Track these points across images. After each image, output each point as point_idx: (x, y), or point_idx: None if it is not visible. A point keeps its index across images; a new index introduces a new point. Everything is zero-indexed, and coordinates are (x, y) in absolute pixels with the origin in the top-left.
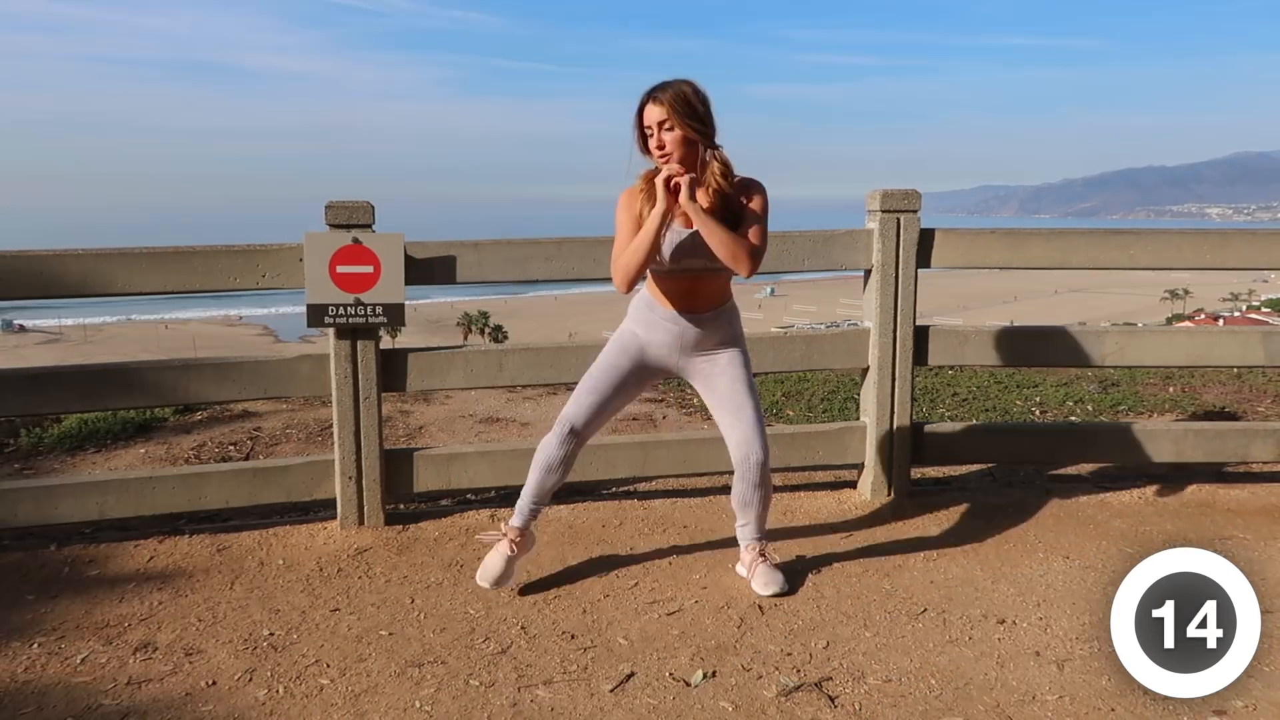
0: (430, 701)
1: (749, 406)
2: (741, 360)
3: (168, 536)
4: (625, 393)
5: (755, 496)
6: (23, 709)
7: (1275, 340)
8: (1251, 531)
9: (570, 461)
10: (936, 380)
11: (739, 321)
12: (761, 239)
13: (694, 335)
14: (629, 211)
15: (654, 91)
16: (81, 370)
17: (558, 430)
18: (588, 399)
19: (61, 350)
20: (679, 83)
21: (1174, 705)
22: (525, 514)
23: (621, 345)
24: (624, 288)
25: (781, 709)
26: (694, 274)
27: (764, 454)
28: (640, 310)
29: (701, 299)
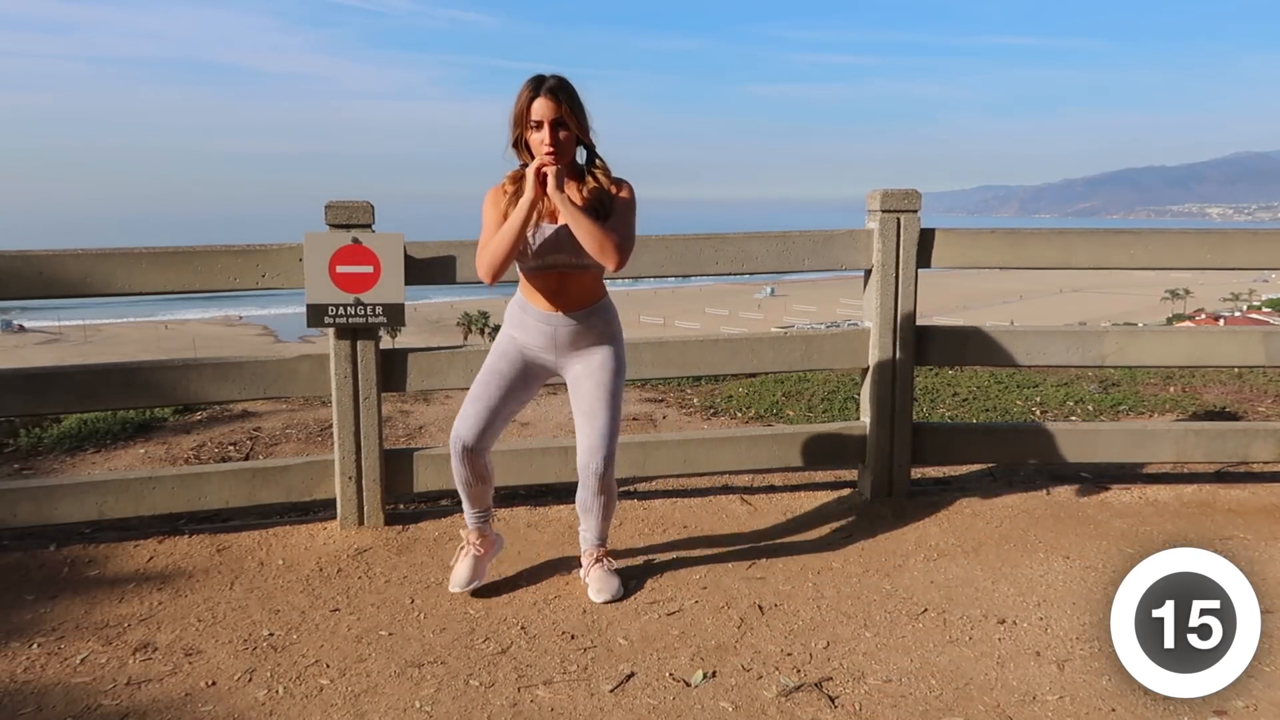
0: (430, 702)
1: (603, 415)
2: (612, 364)
3: (167, 537)
4: (513, 397)
5: (596, 504)
6: (22, 709)
7: (1276, 340)
8: (1252, 531)
9: (484, 471)
10: (936, 380)
11: (615, 320)
12: (629, 233)
13: (567, 334)
14: (495, 209)
15: (545, 85)
16: (81, 370)
17: (453, 451)
18: (473, 409)
19: (61, 350)
20: (565, 80)
21: (1174, 705)
22: (475, 522)
23: (500, 350)
24: (489, 279)
25: (781, 709)
26: (561, 270)
27: (604, 466)
28: (514, 312)
29: (572, 297)
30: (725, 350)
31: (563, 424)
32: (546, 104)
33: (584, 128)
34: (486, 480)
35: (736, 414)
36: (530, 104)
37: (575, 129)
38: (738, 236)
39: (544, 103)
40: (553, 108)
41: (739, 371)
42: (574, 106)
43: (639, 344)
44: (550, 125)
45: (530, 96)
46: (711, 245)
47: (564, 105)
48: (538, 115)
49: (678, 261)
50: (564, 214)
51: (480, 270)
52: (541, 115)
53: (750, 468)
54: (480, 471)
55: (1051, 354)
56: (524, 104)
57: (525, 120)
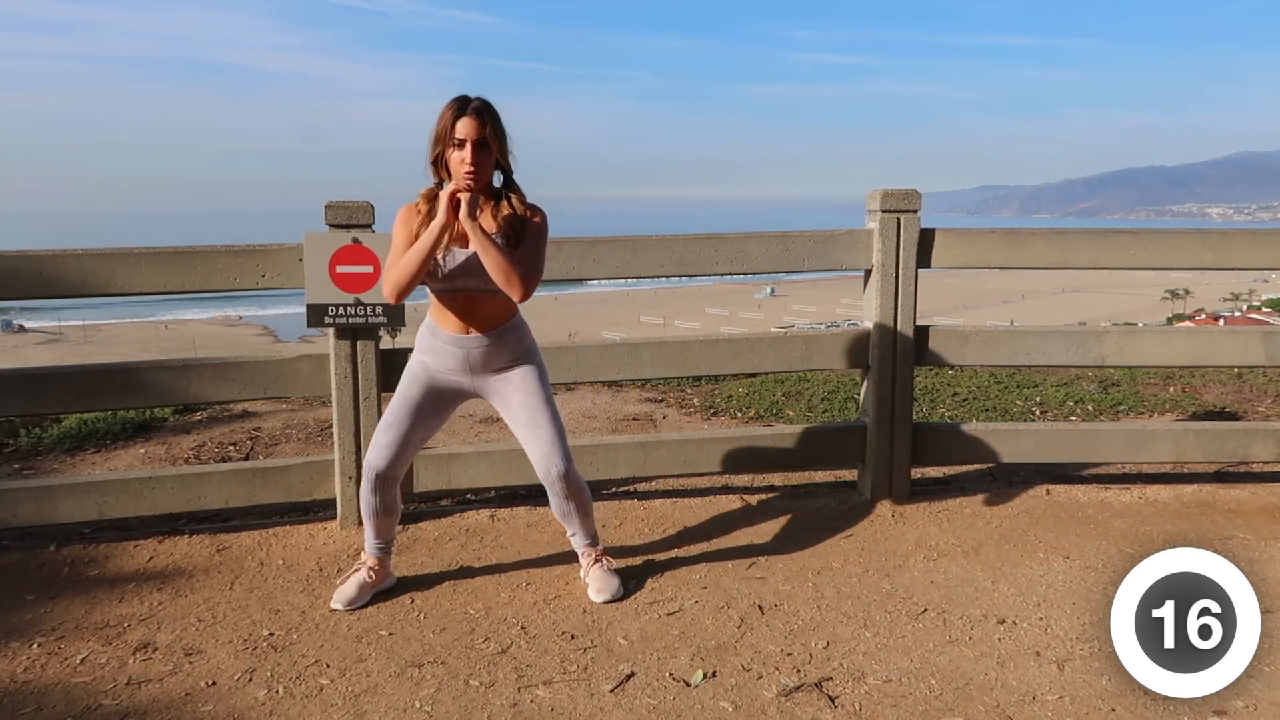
0: (430, 701)
1: (545, 421)
2: (535, 375)
3: (167, 537)
4: (425, 423)
5: (571, 507)
6: (22, 709)
7: (1275, 340)
8: (1252, 531)
9: (392, 503)
10: (936, 380)
11: (528, 336)
12: (537, 264)
13: (479, 355)
14: (405, 227)
15: (471, 105)
16: (81, 370)
17: (365, 478)
18: (385, 438)
19: (61, 350)
20: (489, 103)
21: (1174, 705)
22: (375, 551)
23: (412, 377)
24: (394, 298)
25: (781, 709)
26: (470, 294)
27: (565, 464)
28: (424, 338)
29: (482, 319)
30: (725, 350)
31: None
32: (471, 123)
33: (504, 151)
34: (393, 512)
35: (736, 414)
36: (455, 122)
37: (496, 151)
38: (738, 236)
39: (469, 122)
40: (477, 127)
41: (739, 371)
42: (497, 129)
43: (639, 344)
44: (473, 144)
45: (455, 115)
46: (711, 245)
47: (488, 126)
48: (461, 134)
49: (678, 261)
50: (474, 242)
51: (385, 289)
52: (465, 134)
53: (750, 468)
54: (389, 503)
55: (1051, 354)
56: (448, 122)
57: (448, 138)
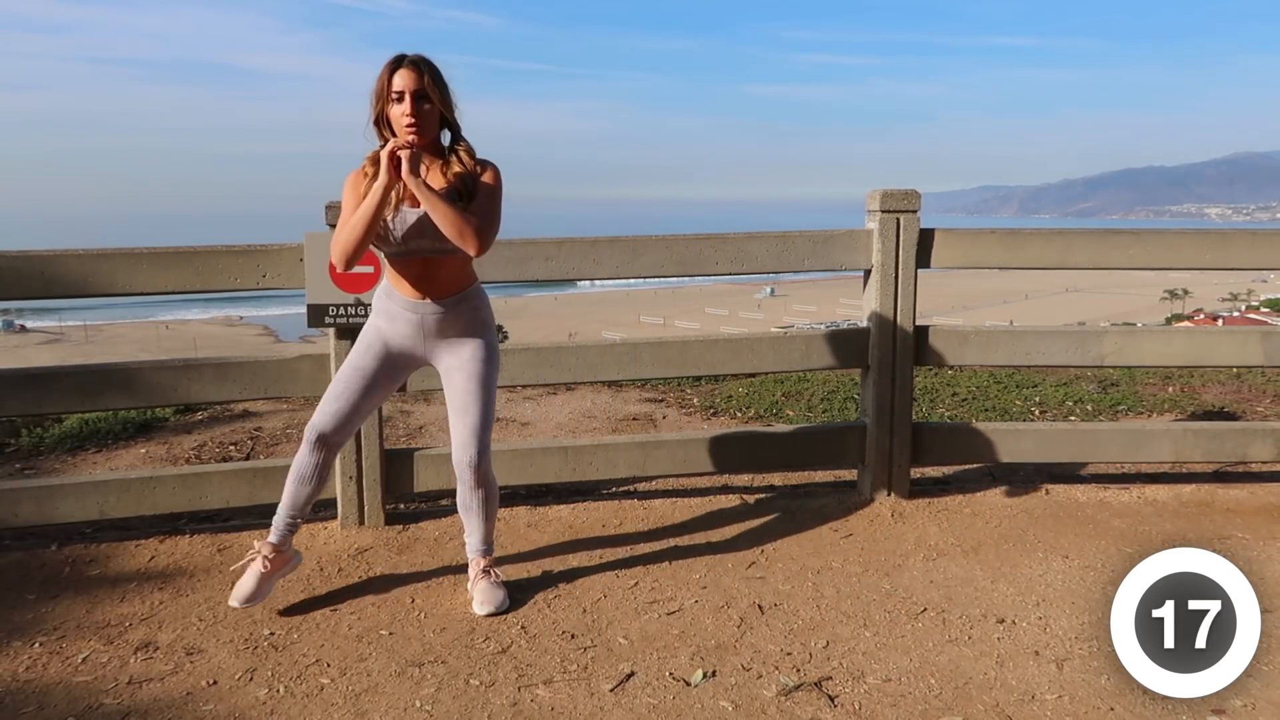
0: (430, 701)
1: (475, 409)
2: (484, 355)
3: (168, 536)
4: (375, 393)
5: (475, 499)
6: (24, 708)
7: (1274, 340)
8: (1250, 531)
9: (324, 471)
10: (936, 380)
11: (486, 309)
12: (492, 217)
13: (435, 321)
14: (354, 193)
15: (408, 59)
16: (82, 370)
17: (306, 439)
18: (334, 405)
19: (62, 350)
20: (428, 58)
21: (1172, 704)
22: (281, 529)
23: (366, 344)
24: (342, 265)
25: (781, 708)
26: (426, 256)
27: (478, 456)
28: (380, 300)
29: (439, 283)
30: (725, 350)
31: (563, 424)
32: (409, 75)
33: (448, 105)
34: (322, 480)
35: (736, 414)
36: (392, 75)
37: (439, 104)
38: (738, 236)
39: (406, 74)
40: (415, 79)
41: (739, 371)
42: (437, 81)
43: (639, 344)
44: (412, 96)
45: (392, 69)
46: (711, 245)
47: (426, 77)
48: (399, 86)
49: (678, 261)
50: (421, 199)
51: (334, 256)
52: (403, 86)
53: (750, 468)
54: (323, 470)
55: (1051, 354)
56: (385, 77)
57: (386, 94)
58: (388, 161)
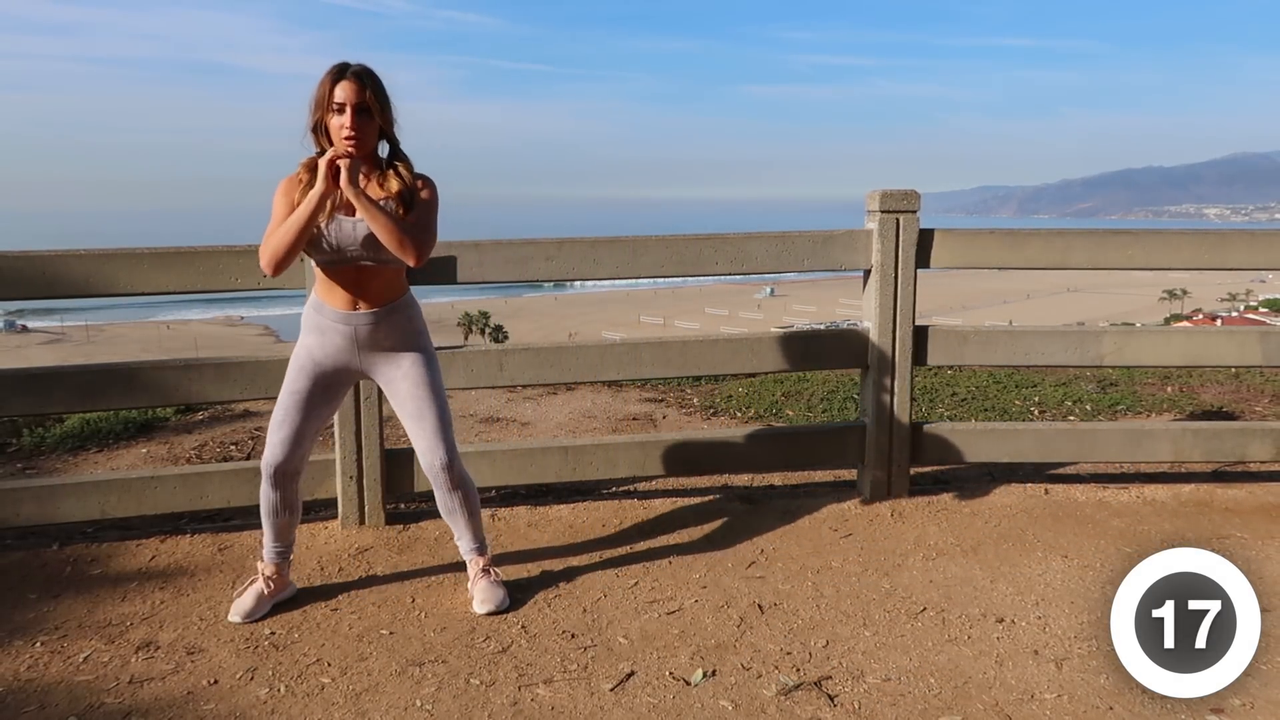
0: (431, 700)
1: (430, 412)
2: (424, 362)
3: (169, 536)
4: (317, 413)
5: (455, 501)
6: (25, 707)
7: (1272, 340)
8: (1249, 530)
9: (292, 500)
10: (936, 380)
11: (419, 318)
12: (430, 229)
13: (368, 333)
14: (286, 198)
15: (350, 69)
16: (84, 370)
17: (264, 476)
18: (279, 435)
19: (64, 350)
20: (371, 69)
21: (1171, 703)
22: (273, 557)
23: (298, 367)
24: (271, 270)
25: (781, 708)
26: (359, 265)
27: (449, 457)
28: (309, 315)
29: (372, 293)
30: (725, 350)
31: (563, 424)
32: (350, 87)
33: (388, 119)
34: (294, 510)
35: (736, 414)
36: (333, 86)
37: (379, 118)
38: (737, 236)
39: (348, 85)
40: (356, 91)
41: (739, 371)
42: (379, 94)
43: (639, 344)
44: (353, 109)
45: (334, 79)
46: (711, 245)
47: (368, 91)
48: (340, 98)
49: (678, 261)
50: (359, 208)
51: (262, 260)
52: (344, 98)
53: (750, 468)
54: (290, 500)
55: (1050, 354)
56: (326, 87)
57: (327, 104)
58: (326, 170)
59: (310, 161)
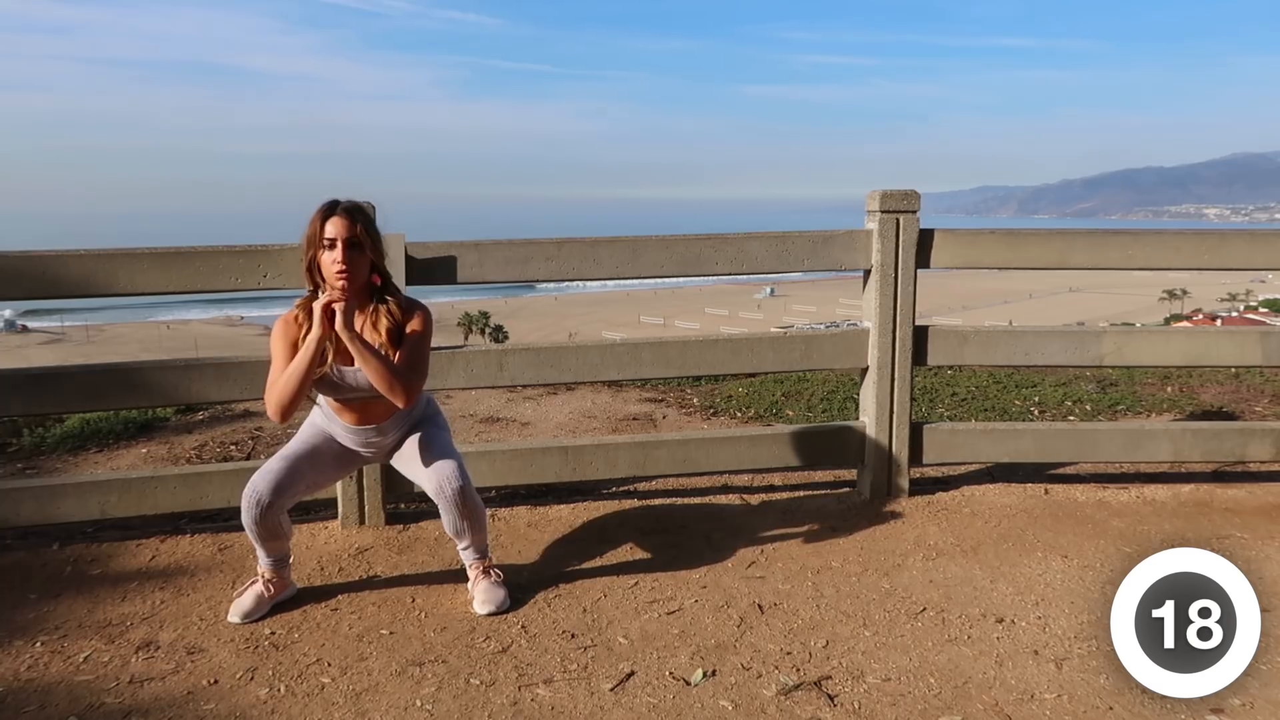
0: (431, 700)
1: (439, 447)
2: (430, 427)
3: (169, 536)
4: (322, 473)
5: (465, 525)
6: (26, 707)
7: (1272, 340)
8: (1249, 530)
9: (276, 527)
10: (936, 380)
11: (420, 407)
12: (420, 368)
13: (378, 442)
14: (285, 339)
15: (340, 206)
16: (84, 370)
17: (246, 502)
18: (279, 465)
19: (64, 350)
20: (361, 204)
21: (1171, 703)
22: (270, 567)
23: (316, 429)
24: (278, 417)
25: (781, 708)
26: (365, 400)
27: (461, 481)
28: (321, 420)
29: (378, 414)
30: (725, 350)
31: (563, 424)
32: (341, 222)
33: (379, 251)
34: (279, 535)
35: (736, 414)
36: (324, 223)
37: (369, 251)
38: (737, 236)
39: (338, 221)
40: (346, 226)
41: (739, 371)
42: (369, 229)
43: (639, 344)
44: (344, 243)
45: (324, 216)
46: (711, 245)
47: (359, 226)
48: (330, 234)
49: (678, 261)
50: (353, 352)
51: (270, 408)
52: (335, 233)
53: (750, 468)
54: (274, 528)
55: (1050, 354)
56: (317, 224)
57: (319, 240)
58: (321, 315)
59: (305, 301)
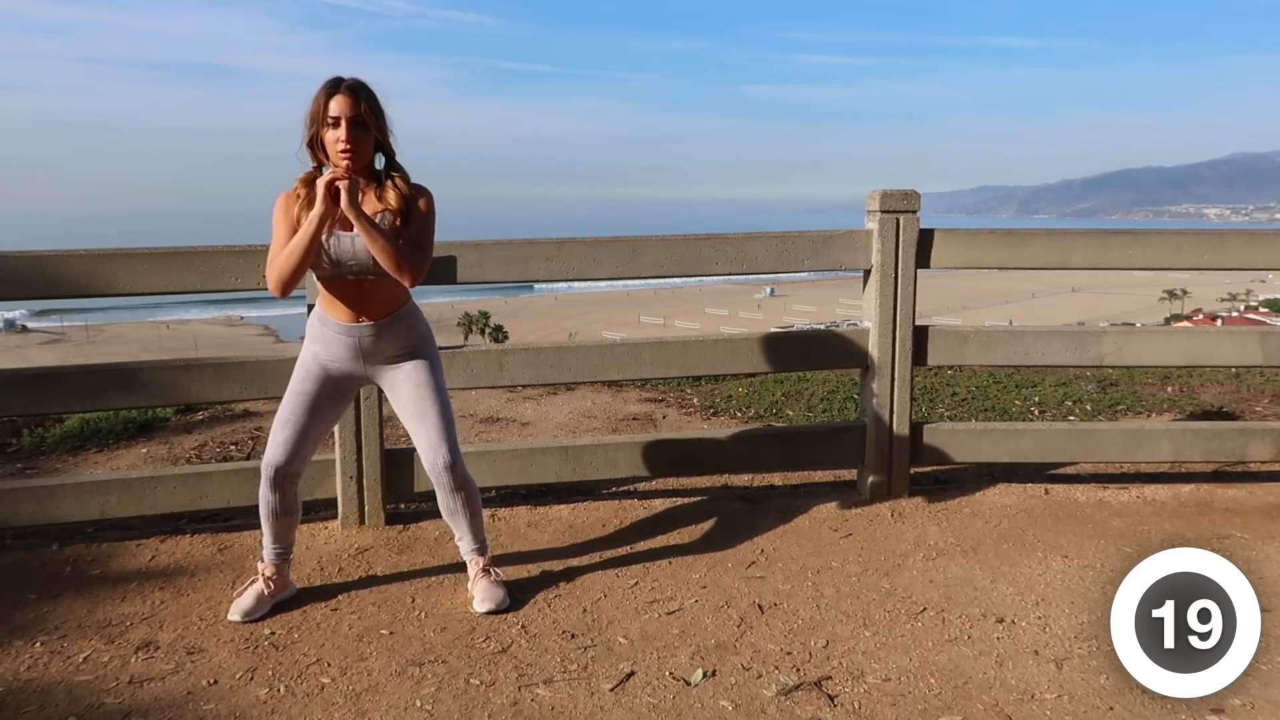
0: (431, 700)
1: (433, 412)
2: (427, 366)
3: (169, 536)
4: (323, 416)
5: (458, 503)
6: (25, 707)
7: (1272, 340)
8: (1249, 530)
9: (293, 502)
10: (936, 380)
11: (421, 323)
12: (427, 246)
13: (371, 343)
14: (286, 216)
15: (344, 83)
16: (83, 370)
17: (264, 476)
18: (282, 435)
19: (63, 350)
20: (365, 82)
21: (1171, 703)
22: (273, 558)
23: (305, 371)
24: (279, 292)
25: (781, 708)
26: (359, 279)
27: (451, 457)
28: (314, 327)
29: (373, 305)
30: (725, 350)
31: (563, 424)
32: (345, 101)
33: (384, 131)
34: (293, 512)
35: (736, 414)
36: (328, 100)
37: (374, 130)
38: (738, 236)
39: (342, 99)
40: (351, 104)
41: (739, 371)
42: (374, 106)
43: (639, 344)
44: (348, 122)
45: (328, 93)
46: (711, 245)
47: (363, 104)
48: (335, 112)
49: (678, 261)
50: (358, 229)
51: (270, 283)
52: (339, 112)
53: (750, 468)
54: (290, 502)
55: (1050, 354)
56: (321, 101)
57: (322, 118)
58: (324, 191)
59: (308, 177)
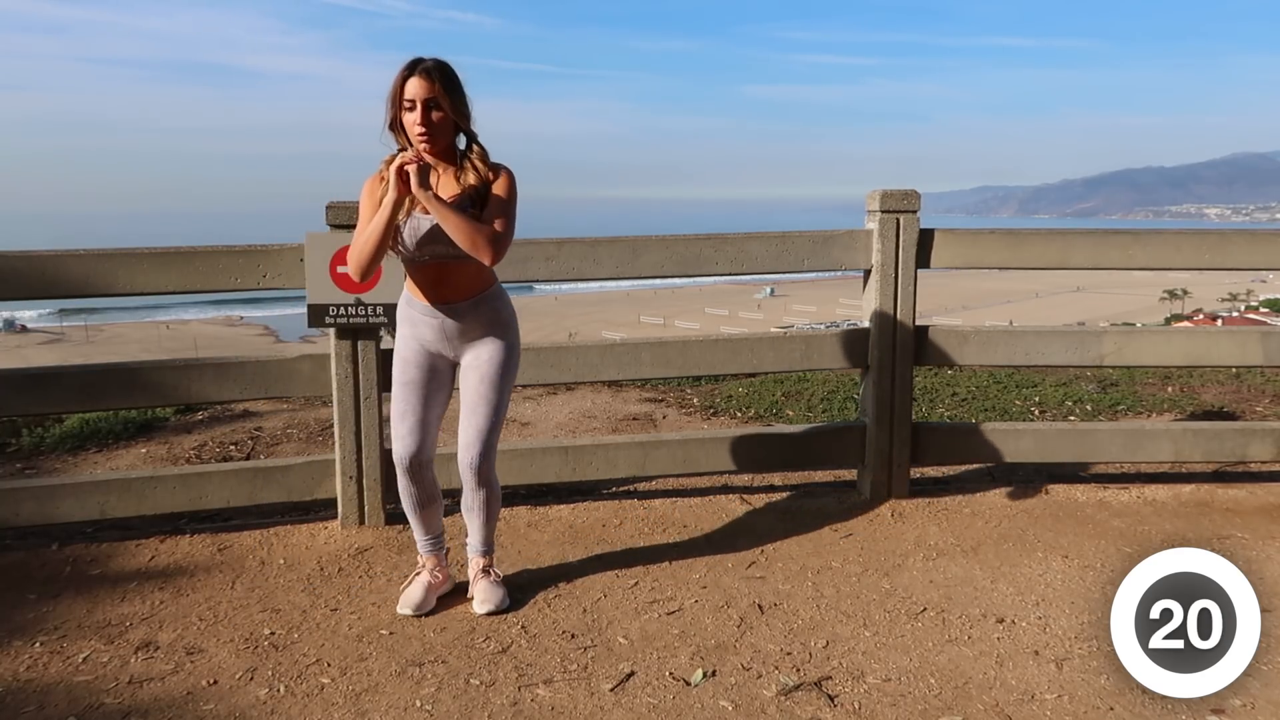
0: (431, 700)
1: (483, 411)
2: (500, 356)
3: (169, 536)
4: (435, 398)
5: (478, 501)
6: (25, 708)
7: (1273, 340)
8: (1249, 531)
9: (432, 489)
10: (936, 380)
11: (507, 308)
12: (505, 225)
13: (454, 326)
14: (371, 199)
15: (420, 65)
16: (83, 370)
17: (400, 472)
18: (404, 425)
19: (63, 350)
20: (444, 62)
21: (1171, 703)
22: (429, 549)
23: (403, 358)
24: (358, 276)
25: (781, 708)
26: (441, 261)
27: (480, 459)
28: (403, 309)
29: (455, 288)
30: (725, 350)
31: (563, 423)
32: (420, 83)
33: (461, 112)
34: (435, 499)
35: (736, 414)
36: (404, 84)
37: (451, 111)
38: (738, 236)
39: (418, 82)
40: (426, 87)
41: (739, 371)
42: (449, 88)
43: (639, 344)
44: (423, 105)
45: (405, 76)
46: (711, 245)
47: (438, 85)
48: (410, 95)
49: (678, 261)
50: (433, 211)
51: (350, 269)
52: (414, 95)
53: (750, 468)
54: (429, 489)
55: (1050, 354)
56: (398, 84)
57: (399, 100)
58: (396, 176)
59: (391, 158)
